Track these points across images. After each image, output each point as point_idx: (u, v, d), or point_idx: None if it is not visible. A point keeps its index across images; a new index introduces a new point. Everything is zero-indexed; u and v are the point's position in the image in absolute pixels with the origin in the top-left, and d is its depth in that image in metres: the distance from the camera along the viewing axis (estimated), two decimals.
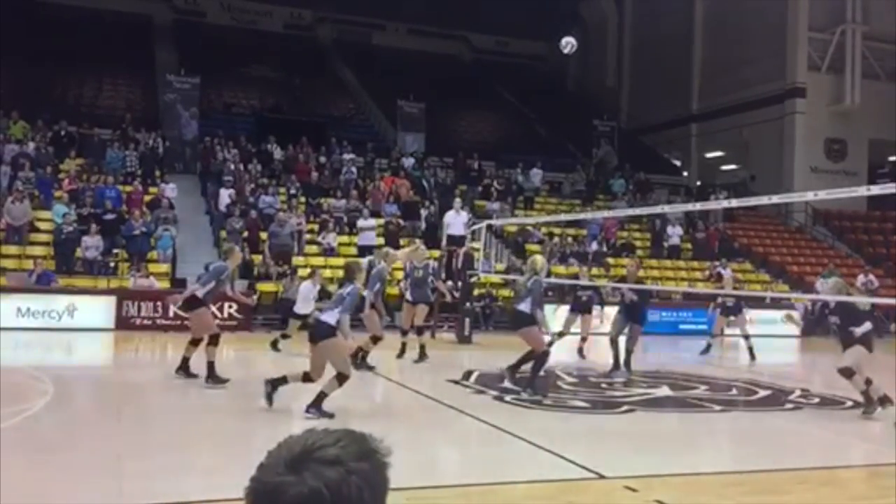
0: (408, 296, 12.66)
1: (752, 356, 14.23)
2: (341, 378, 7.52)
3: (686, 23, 32.99)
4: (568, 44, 10.83)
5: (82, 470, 5.45)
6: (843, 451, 7.34)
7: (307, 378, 7.69)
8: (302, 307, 12.86)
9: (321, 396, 7.46)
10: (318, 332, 7.66)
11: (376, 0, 35.23)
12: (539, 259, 10.19)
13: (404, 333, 12.46)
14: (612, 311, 13.91)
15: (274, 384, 7.76)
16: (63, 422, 7.38)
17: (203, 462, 5.83)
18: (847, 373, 8.37)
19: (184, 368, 9.64)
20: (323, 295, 13.54)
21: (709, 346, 14.79)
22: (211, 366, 9.27)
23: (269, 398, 7.69)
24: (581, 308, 13.75)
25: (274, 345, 13.03)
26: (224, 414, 8.00)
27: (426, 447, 6.85)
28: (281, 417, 7.54)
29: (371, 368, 10.97)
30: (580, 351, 13.61)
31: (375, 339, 11.15)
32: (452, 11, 35.04)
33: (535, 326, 9.42)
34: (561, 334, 13.38)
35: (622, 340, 11.42)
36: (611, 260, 21.77)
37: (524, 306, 9.42)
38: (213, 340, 9.41)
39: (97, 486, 5.04)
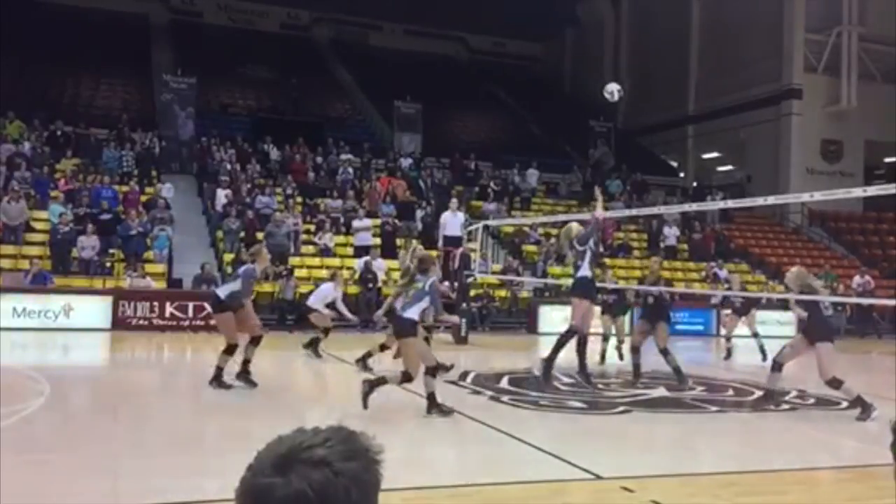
0: None
1: (764, 355, 13.69)
2: (405, 377, 7.57)
3: (683, 24, 33.03)
4: (613, 92, 10.57)
5: (78, 470, 5.44)
6: (840, 451, 7.35)
7: (406, 378, 7.62)
8: (315, 303, 12.62)
9: (431, 397, 7.59)
10: (401, 329, 7.68)
11: (373, 0, 35.22)
12: (574, 226, 10.19)
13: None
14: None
15: (372, 385, 7.53)
16: (59, 422, 7.36)
17: (200, 462, 5.82)
18: (835, 383, 8.36)
19: (244, 373, 9.11)
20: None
21: (729, 351, 14.67)
22: (219, 371, 8.98)
23: (365, 399, 7.46)
24: (609, 311, 13.31)
25: (309, 347, 12.57)
26: (221, 414, 7.99)
27: (422, 447, 6.84)
28: (278, 416, 7.52)
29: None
30: (619, 351, 13.10)
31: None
32: (449, 12, 35.05)
33: (587, 301, 9.44)
34: (606, 338, 12.96)
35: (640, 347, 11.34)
36: (608, 261, 21.77)
37: (583, 271, 9.54)
38: (229, 350, 9.04)
39: (93, 486, 5.03)
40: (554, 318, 18.99)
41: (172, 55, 29.97)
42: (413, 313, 7.61)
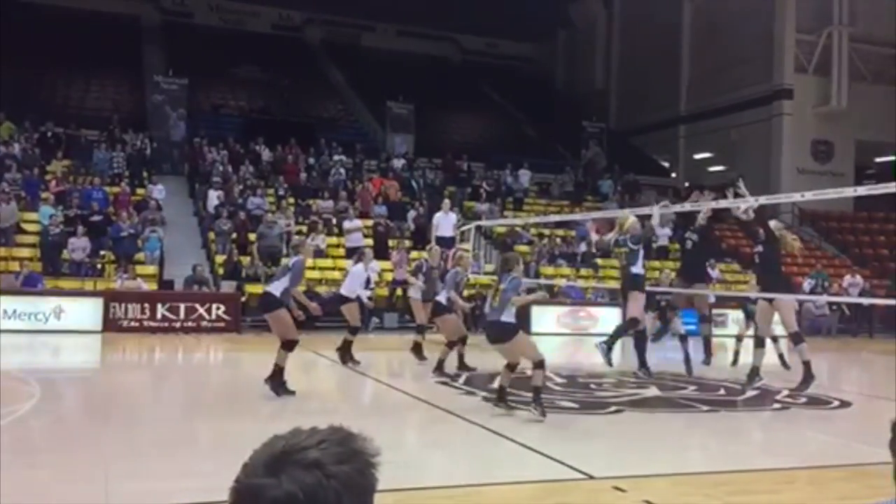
0: (417, 294, 12.59)
1: (783, 362, 12.32)
2: (540, 365, 7.65)
3: (674, 25, 33.12)
4: (748, 209, 10.89)
5: (69, 472, 5.41)
6: (831, 450, 7.36)
7: (512, 369, 7.96)
8: (349, 290, 11.89)
9: (537, 391, 7.64)
10: (503, 333, 7.72)
11: (365, 1, 35.19)
12: (630, 218, 10.45)
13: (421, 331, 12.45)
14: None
15: (500, 397, 7.90)
16: (49, 424, 7.33)
17: (191, 464, 5.80)
18: (797, 338, 8.52)
19: (272, 378, 8.67)
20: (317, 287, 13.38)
21: (737, 354, 14.32)
22: (280, 371, 8.65)
23: (508, 406, 7.88)
24: (663, 311, 12.51)
25: (347, 351, 11.80)
26: (213, 416, 7.97)
27: (415, 448, 6.84)
28: (271, 418, 7.51)
29: (471, 369, 11.24)
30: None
31: (464, 340, 11.59)
32: (441, 13, 35.03)
33: (641, 294, 9.91)
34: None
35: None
36: (599, 261, 21.81)
37: (638, 269, 10.04)
38: (289, 346, 8.70)
39: (83, 489, 5.01)
40: (546, 319, 19.03)
41: (163, 56, 29.88)
42: (510, 316, 7.66)
